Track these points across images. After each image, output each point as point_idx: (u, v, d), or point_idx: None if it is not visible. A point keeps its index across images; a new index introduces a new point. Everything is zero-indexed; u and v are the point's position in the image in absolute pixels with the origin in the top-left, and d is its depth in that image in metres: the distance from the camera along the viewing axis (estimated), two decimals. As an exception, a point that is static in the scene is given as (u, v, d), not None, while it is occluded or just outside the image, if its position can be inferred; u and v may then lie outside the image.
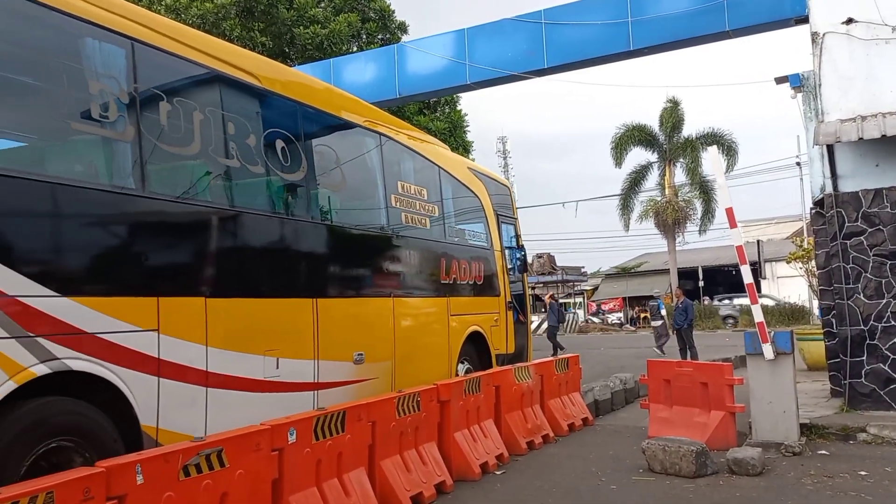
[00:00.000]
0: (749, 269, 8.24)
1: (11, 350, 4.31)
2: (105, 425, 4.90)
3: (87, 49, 5.29)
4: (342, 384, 7.44)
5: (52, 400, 4.61)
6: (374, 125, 8.85)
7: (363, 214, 8.64)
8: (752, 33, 12.78)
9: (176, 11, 20.06)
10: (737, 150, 37.90)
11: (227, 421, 5.50)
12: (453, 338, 9.87)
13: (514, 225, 12.54)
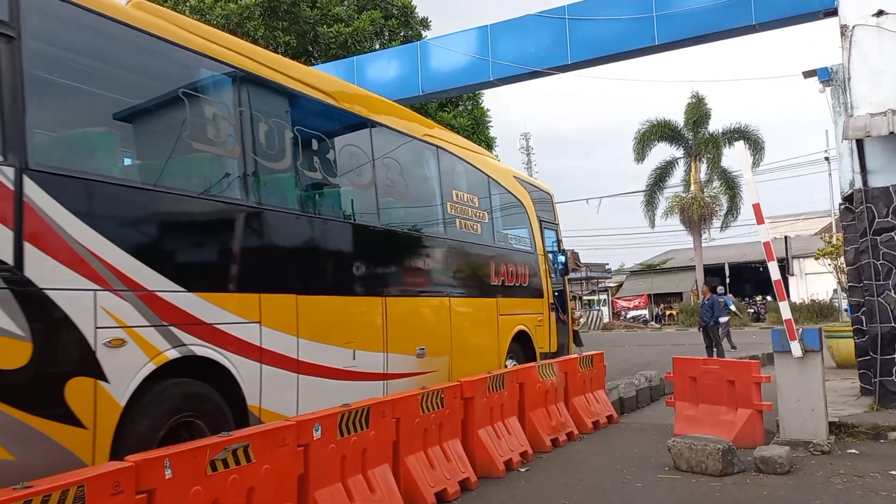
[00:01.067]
0: (777, 266, 8.14)
1: (151, 336, 5.11)
2: (220, 404, 5.64)
3: (203, 79, 6.14)
4: (407, 375, 8.07)
5: (182, 381, 5.36)
6: (431, 138, 9.61)
7: (423, 221, 9.25)
8: (779, 27, 12.61)
9: (200, 12, 20.24)
10: (764, 145, 37.48)
11: (314, 404, 6.17)
12: (502, 336, 10.46)
13: (555, 230, 13.08)
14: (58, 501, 3.37)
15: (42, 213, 4.52)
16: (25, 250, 4.41)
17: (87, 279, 4.77)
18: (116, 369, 4.84)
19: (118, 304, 4.94)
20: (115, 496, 3.62)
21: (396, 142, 8.75)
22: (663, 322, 45.26)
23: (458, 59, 14.95)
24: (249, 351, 5.96)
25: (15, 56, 4.53)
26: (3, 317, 4.23)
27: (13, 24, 4.54)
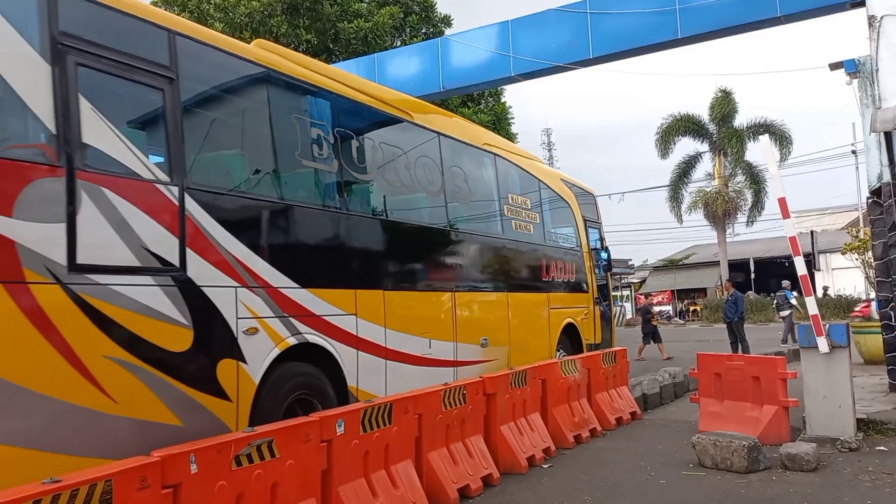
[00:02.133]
0: (803, 261, 8.03)
1: (276, 326, 6.06)
2: (326, 384, 6.59)
3: (305, 103, 7.15)
4: (473, 363, 8.87)
5: (299, 363, 6.30)
6: (489, 146, 10.47)
7: (485, 223, 10.06)
8: (804, 18, 12.44)
9: (224, 10, 20.39)
10: (790, 139, 36.93)
11: (398, 387, 7.15)
12: (552, 328, 11.25)
13: (598, 229, 13.79)
14: (86, 495, 3.42)
15: (198, 223, 5.48)
16: (187, 254, 5.35)
17: (230, 278, 5.72)
18: (252, 353, 5.78)
19: (252, 299, 5.89)
20: (142, 490, 3.67)
21: (460, 151, 9.62)
22: (687, 318, 44.88)
23: (478, 55, 14.92)
24: (348, 339, 6.92)
25: (175, 94, 5.50)
26: (173, 309, 5.17)
27: (173, 68, 5.52)
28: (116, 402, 4.72)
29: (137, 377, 4.89)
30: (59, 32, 4.73)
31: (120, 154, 5.03)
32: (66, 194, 4.61)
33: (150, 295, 5.06)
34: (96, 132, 4.89)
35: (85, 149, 4.80)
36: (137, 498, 3.64)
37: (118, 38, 5.18)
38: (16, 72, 4.48)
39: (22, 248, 4.34)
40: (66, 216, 4.59)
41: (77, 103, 4.77)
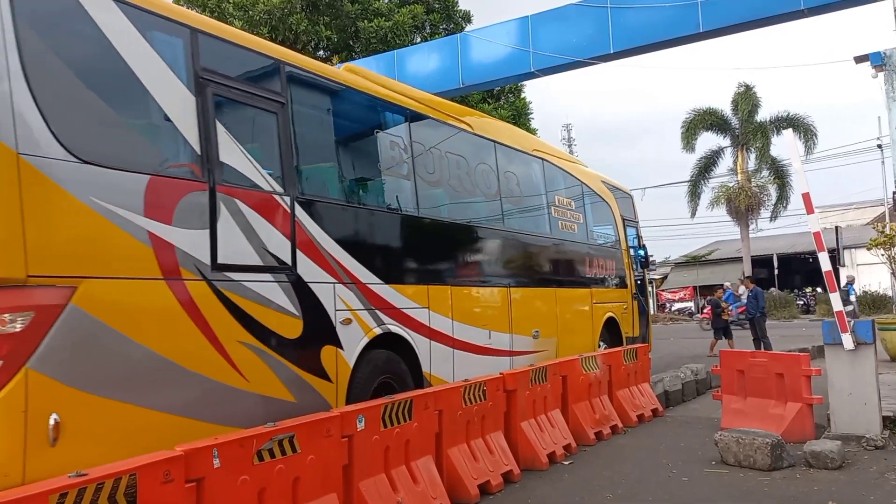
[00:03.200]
0: (827, 257, 7.94)
1: (366, 317, 6.83)
2: (405, 370, 7.31)
3: (386, 120, 7.98)
4: (526, 353, 9.48)
5: (383, 351, 7.03)
6: (538, 152, 11.21)
7: (535, 223, 10.69)
8: (828, 11, 12.28)
9: (244, 8, 20.49)
10: (815, 133, 36.45)
11: (464, 374, 7.76)
12: (595, 321, 11.89)
13: (636, 228, 14.47)
14: (111, 489, 3.46)
15: (305, 228, 6.27)
16: (297, 255, 6.14)
17: (330, 275, 6.49)
18: (347, 340, 6.55)
19: (347, 294, 6.66)
20: (166, 484, 3.70)
21: (513, 157, 10.29)
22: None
23: (498, 51, 14.90)
24: (423, 330, 7.63)
25: (286, 116, 6.31)
26: (288, 302, 5.98)
27: (283, 94, 6.32)
28: (248, 380, 5.51)
29: (262, 359, 5.68)
30: (201, 68, 5.56)
31: (246, 170, 5.85)
32: (209, 205, 5.42)
33: (271, 290, 5.87)
34: (229, 151, 5.70)
35: (222, 166, 5.59)
36: (161, 491, 3.67)
37: (241, 70, 6.09)
38: (170, 103, 5.33)
39: (179, 250, 5.14)
40: (209, 223, 5.40)
41: (214, 127, 5.58)
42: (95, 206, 4.66)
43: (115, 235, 4.76)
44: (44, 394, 4.24)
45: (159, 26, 5.38)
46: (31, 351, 4.22)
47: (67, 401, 4.35)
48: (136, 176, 4.95)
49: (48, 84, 4.54)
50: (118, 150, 4.98)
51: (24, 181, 4.30)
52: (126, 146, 5.12)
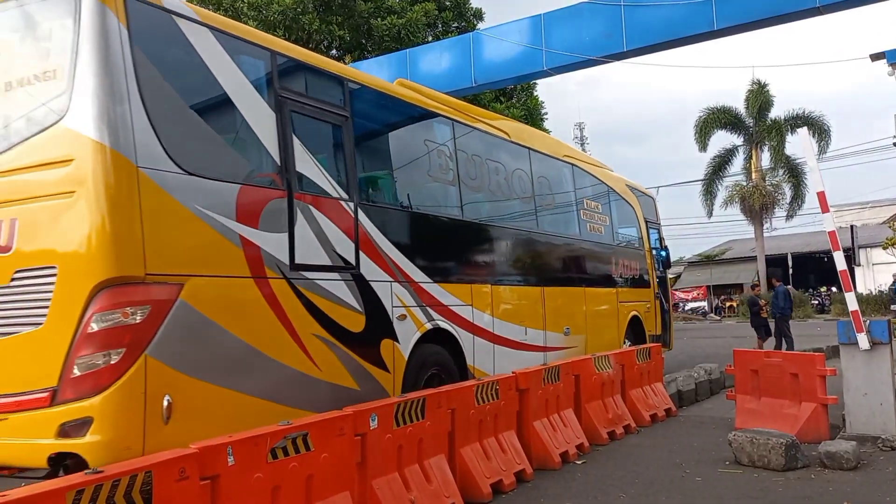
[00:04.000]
0: (842, 256, 7.88)
1: (418, 313, 7.37)
2: (452, 362, 7.81)
3: (434, 130, 8.50)
4: (558, 349, 9.99)
5: (433, 345, 7.56)
6: (568, 158, 11.73)
7: (565, 226, 11.27)
8: (843, 8, 12.18)
9: (258, 8, 20.56)
10: (829, 131, 36.18)
11: (503, 367, 8.37)
12: (621, 319, 12.35)
13: (657, 229, 14.94)
14: (126, 486, 3.49)
15: (366, 231, 6.81)
16: (360, 256, 6.67)
17: (387, 274, 7.01)
18: (403, 335, 7.08)
19: (402, 291, 7.18)
20: (181, 482, 3.73)
21: (545, 163, 10.82)
22: (723, 314, 44.29)
23: (511, 50, 14.87)
24: (467, 325, 8.13)
25: (349, 129, 6.87)
26: (353, 298, 6.53)
27: (346, 108, 6.90)
28: (320, 369, 6.06)
29: (332, 351, 6.23)
30: (279, 87, 6.16)
31: (317, 178, 6.41)
32: (287, 211, 5.98)
33: (339, 287, 6.41)
34: (303, 162, 6.25)
35: (297, 176, 6.15)
36: (176, 489, 3.70)
37: (312, 88, 6.68)
38: (255, 119, 5.91)
39: (264, 251, 5.70)
40: (288, 227, 5.95)
41: (291, 140, 6.14)
42: (198, 213, 5.23)
43: (213, 238, 5.33)
44: (159, 377, 4.77)
45: (245, 50, 6.00)
46: (149, 340, 4.77)
47: (177, 384, 4.88)
48: (230, 185, 5.55)
49: (159, 105, 5.11)
50: (215, 163, 5.57)
51: (143, 191, 4.87)
52: (221, 159, 5.72)
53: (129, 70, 4.93)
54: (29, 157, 4.97)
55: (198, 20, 5.61)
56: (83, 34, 4.87)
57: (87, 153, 4.74)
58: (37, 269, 4.85)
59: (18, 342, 4.87)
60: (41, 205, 4.87)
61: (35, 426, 4.67)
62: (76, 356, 4.62)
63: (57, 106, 4.89)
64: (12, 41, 5.28)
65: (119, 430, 4.58)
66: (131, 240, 4.79)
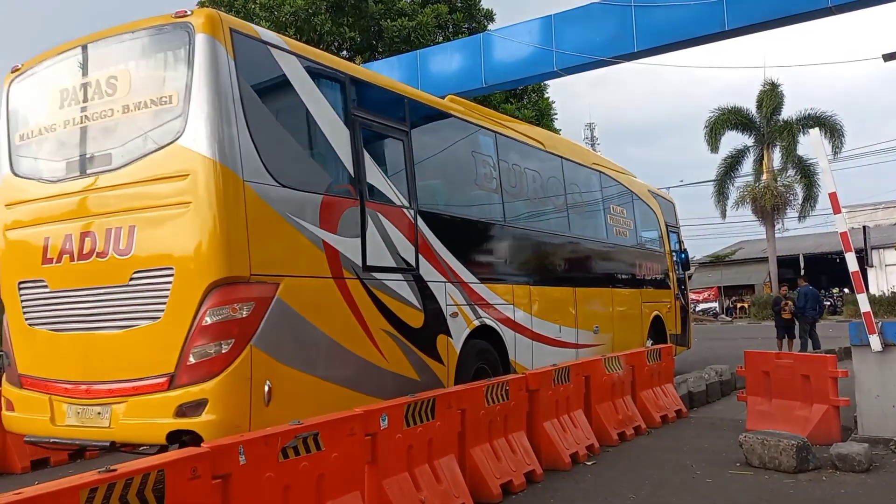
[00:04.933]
0: (854, 257, 7.84)
1: (467, 311, 7.98)
2: (496, 357, 8.38)
3: (480, 142, 9.07)
4: (588, 346, 10.58)
5: (480, 341, 8.14)
6: (596, 165, 12.47)
7: (594, 230, 11.93)
8: (856, 8, 12.11)
9: (270, 9, 20.64)
10: (842, 132, 35.91)
11: (540, 362, 8.82)
12: (644, 319, 13.01)
13: (677, 232, 15.65)
14: (139, 484, 3.52)
15: (424, 235, 7.46)
16: (419, 258, 7.32)
17: (441, 275, 7.65)
18: (455, 331, 7.70)
19: (454, 291, 7.82)
20: (193, 480, 3.76)
21: (576, 171, 11.49)
22: (734, 315, 44.08)
23: (521, 50, 14.85)
24: (509, 323, 8.72)
25: (409, 142, 7.54)
26: (413, 297, 7.17)
27: (406, 124, 7.57)
28: (387, 360, 6.70)
29: (397, 344, 6.86)
30: (352, 106, 6.82)
31: (384, 188, 7.07)
32: (360, 218, 6.61)
33: (402, 287, 7.04)
34: (372, 173, 6.90)
35: (368, 186, 6.80)
36: (189, 487, 3.73)
37: (378, 106, 7.31)
38: (334, 136, 6.57)
39: (342, 255, 6.34)
40: (360, 232, 6.58)
41: (362, 154, 6.79)
42: (290, 220, 5.89)
43: (301, 243, 5.99)
44: (261, 365, 5.42)
45: (325, 74, 6.68)
46: (253, 332, 5.41)
47: (275, 371, 5.52)
48: (315, 196, 6.21)
49: (259, 125, 5.77)
50: (302, 176, 6.25)
51: (248, 202, 5.54)
52: (307, 172, 6.42)
53: (236, 95, 5.60)
54: (146, 172, 5.62)
55: (287, 49, 6.31)
56: (197, 64, 5.52)
57: (202, 169, 5.40)
58: (154, 270, 5.54)
59: (136, 334, 5.56)
60: (158, 214, 5.55)
61: (154, 407, 5.34)
62: (192, 346, 5.30)
63: (173, 127, 5.54)
64: (129, 69, 5.89)
65: (230, 410, 5.23)
66: (239, 244, 5.46)
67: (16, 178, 6.48)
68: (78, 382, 5.80)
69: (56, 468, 8.29)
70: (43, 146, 6.33)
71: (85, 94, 6.04)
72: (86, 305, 5.84)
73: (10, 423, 6.43)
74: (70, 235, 5.91)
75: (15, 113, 6.60)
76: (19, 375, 6.26)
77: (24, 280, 6.28)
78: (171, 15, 5.80)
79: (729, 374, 11.72)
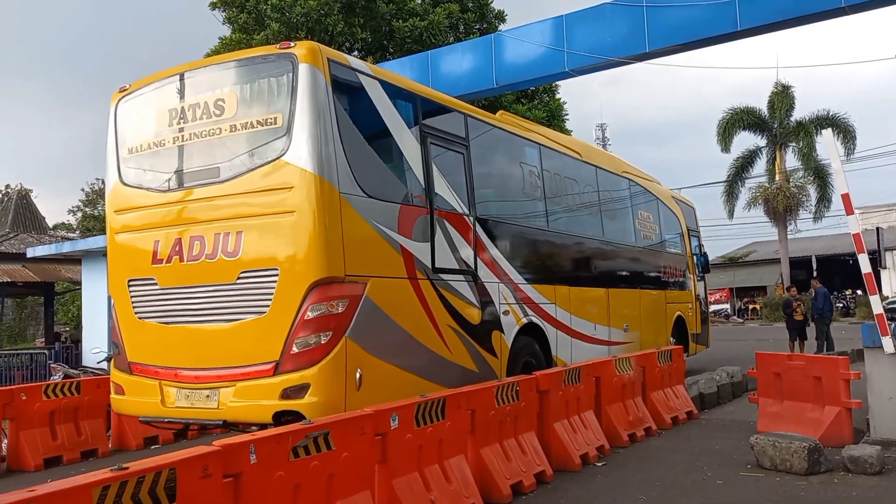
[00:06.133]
0: (867, 259, 7.79)
1: (517, 309, 8.65)
2: (540, 352, 9.03)
3: (527, 153, 9.86)
4: (619, 343, 11.24)
5: (527, 337, 8.78)
6: (625, 173, 13.18)
7: (624, 234, 12.65)
8: (869, 8, 12.00)
9: (281, 10, 20.70)
10: (855, 133, 35.62)
11: (578, 357, 9.48)
12: (668, 319, 13.77)
13: (697, 236, 16.43)
14: (151, 482, 3.55)
15: (481, 239, 8.15)
16: (477, 261, 8.01)
17: (495, 276, 8.32)
18: (507, 327, 8.35)
19: (506, 291, 8.48)
20: (204, 479, 3.79)
21: (609, 179, 12.25)
22: (746, 317, 43.85)
23: (532, 51, 14.79)
24: (552, 321, 9.40)
25: (467, 157, 8.20)
26: (472, 296, 7.82)
27: (466, 138, 8.26)
28: (452, 353, 7.37)
29: (460, 339, 7.52)
30: (422, 124, 7.53)
31: (448, 197, 7.74)
32: (429, 225, 7.30)
33: (463, 287, 7.72)
34: (439, 184, 7.58)
35: (436, 195, 7.49)
36: (200, 486, 3.76)
37: (444, 123, 8.02)
38: (408, 150, 7.32)
39: (415, 258, 7.02)
40: (430, 237, 7.27)
41: (431, 166, 7.49)
42: (375, 227, 6.60)
43: (384, 247, 6.69)
44: (354, 355, 6.11)
45: (400, 95, 7.38)
46: (347, 325, 6.10)
47: (364, 360, 6.20)
48: (394, 205, 6.92)
49: (350, 143, 6.47)
50: (384, 187, 6.94)
51: (343, 211, 6.24)
52: (388, 184, 7.08)
53: (332, 117, 6.31)
54: (252, 184, 6.33)
55: (370, 74, 7.06)
56: (300, 90, 6.22)
57: (305, 182, 6.09)
58: (261, 271, 6.23)
59: (243, 326, 6.26)
60: (264, 221, 6.25)
61: (261, 391, 6.04)
62: (295, 337, 5.98)
63: (277, 145, 6.25)
64: (235, 93, 6.61)
65: (329, 393, 5.91)
66: (336, 248, 6.14)
67: (124, 188, 7.20)
68: (187, 369, 6.52)
69: (70, 465, 8.37)
70: (151, 159, 7.02)
71: (193, 114, 6.75)
72: (194, 301, 6.54)
73: (121, 406, 7.19)
74: (180, 239, 6.63)
75: (123, 128, 7.31)
76: (129, 363, 6.95)
77: (133, 278, 6.98)
78: (276, 46, 6.58)
79: (740, 375, 11.67)
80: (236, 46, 22.30)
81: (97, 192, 43.37)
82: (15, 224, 29.03)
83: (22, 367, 18.02)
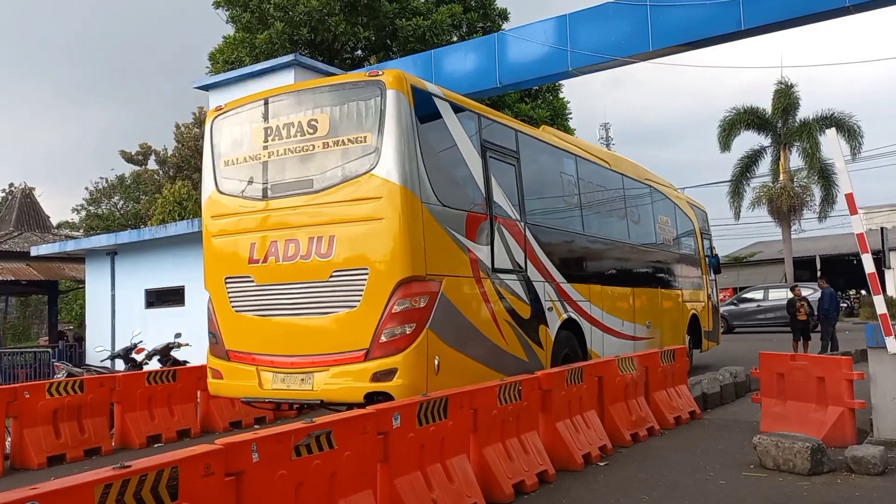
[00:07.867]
0: (871, 259, 7.77)
1: (559, 306, 9.43)
2: (577, 346, 9.78)
3: (566, 164, 10.71)
4: (642, 339, 12.10)
5: (567, 331, 9.52)
6: (647, 180, 13.99)
7: (646, 237, 13.48)
8: (873, 8, 11.99)
9: (284, 9, 20.70)
10: (860, 133, 35.48)
11: (609, 351, 10.30)
12: (683, 317, 14.65)
13: (709, 238, 17.27)
14: (153, 481, 3.56)
15: (530, 243, 8.94)
16: (527, 262, 8.79)
17: (541, 276, 9.09)
18: (551, 322, 9.13)
19: (549, 289, 9.25)
20: (206, 477, 3.79)
21: (633, 185, 13.12)
22: (750, 316, 43.62)
23: (536, 50, 14.81)
24: (587, 317, 10.20)
25: (519, 166, 9.00)
26: (524, 294, 8.61)
27: (517, 152, 9.05)
28: (507, 344, 8.15)
29: (513, 331, 8.28)
30: (482, 139, 8.33)
31: (504, 204, 8.50)
32: (490, 230, 8.08)
33: (517, 285, 8.50)
34: (496, 193, 8.35)
35: (494, 203, 8.26)
36: (202, 484, 3.76)
37: (499, 137, 8.76)
38: (472, 163, 8.08)
39: (479, 259, 7.84)
40: (490, 241, 8.05)
41: (490, 177, 8.27)
42: (448, 232, 7.43)
43: (455, 250, 7.51)
44: (433, 344, 6.95)
45: (465, 114, 8.19)
46: (428, 318, 6.93)
47: (441, 349, 7.02)
48: (462, 212, 7.71)
49: (429, 157, 7.31)
50: (454, 196, 7.69)
51: (424, 219, 7.07)
52: (457, 193, 7.80)
53: (414, 135, 7.14)
54: (346, 195, 7.17)
55: (442, 97, 7.86)
56: (388, 113, 7.05)
57: (393, 193, 6.92)
58: (352, 270, 7.06)
59: (336, 318, 7.10)
60: (355, 227, 7.08)
61: (353, 375, 6.89)
62: (384, 328, 6.82)
63: (368, 161, 7.09)
64: (328, 114, 7.43)
65: (414, 377, 6.72)
66: (419, 251, 6.96)
67: (220, 196, 8.04)
68: (283, 356, 7.33)
69: (73, 463, 8.39)
70: (246, 171, 7.87)
71: (287, 132, 7.58)
72: (290, 296, 7.37)
73: (219, 389, 8.03)
74: (276, 242, 7.46)
75: (219, 143, 8.16)
76: (227, 351, 7.76)
77: (230, 276, 7.81)
78: (366, 74, 7.44)
79: (743, 375, 11.65)
80: (240, 45, 22.33)
81: (101, 190, 43.45)
82: (19, 222, 29.12)
83: (25, 365, 18.08)
